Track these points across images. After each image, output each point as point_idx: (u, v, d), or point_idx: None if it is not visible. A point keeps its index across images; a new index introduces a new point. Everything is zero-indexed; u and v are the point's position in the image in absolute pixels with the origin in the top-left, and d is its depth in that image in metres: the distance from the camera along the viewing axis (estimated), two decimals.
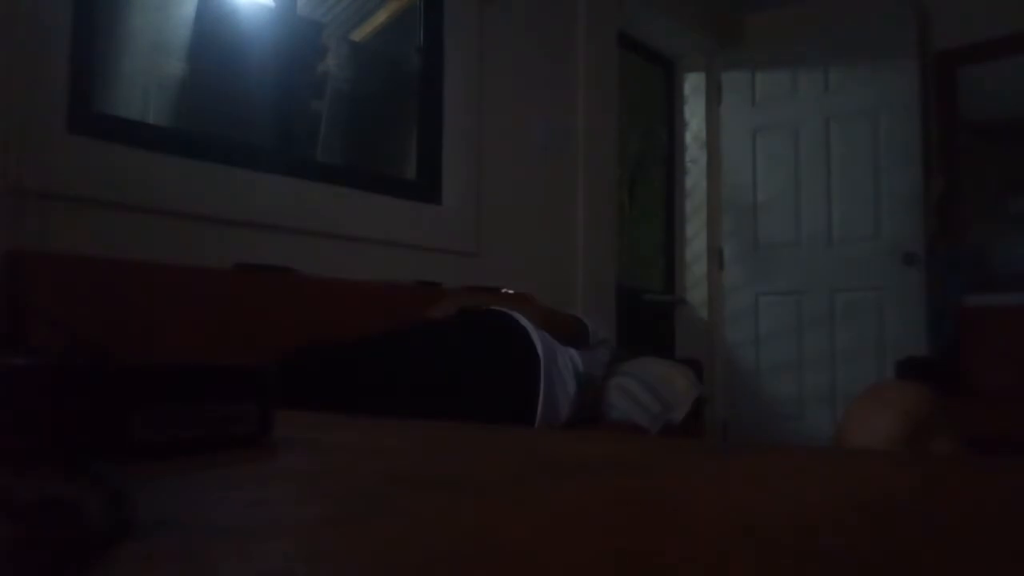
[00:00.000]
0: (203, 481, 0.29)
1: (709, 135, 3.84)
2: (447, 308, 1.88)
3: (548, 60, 2.85)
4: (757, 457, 0.36)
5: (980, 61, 3.29)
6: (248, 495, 0.26)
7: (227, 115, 2.21)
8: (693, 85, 3.91)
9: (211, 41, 2.29)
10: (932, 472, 0.34)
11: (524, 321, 1.75)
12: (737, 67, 3.77)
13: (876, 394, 1.02)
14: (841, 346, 3.40)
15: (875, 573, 0.17)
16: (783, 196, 3.61)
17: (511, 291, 2.43)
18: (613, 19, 3.14)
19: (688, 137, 3.92)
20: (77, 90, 1.60)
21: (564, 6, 2.92)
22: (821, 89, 3.53)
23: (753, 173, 3.71)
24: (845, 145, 3.44)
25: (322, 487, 0.29)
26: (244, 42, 2.23)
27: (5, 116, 1.46)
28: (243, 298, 1.72)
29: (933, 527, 0.22)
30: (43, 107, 1.53)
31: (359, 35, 3.04)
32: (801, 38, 3.60)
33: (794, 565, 0.18)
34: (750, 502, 0.26)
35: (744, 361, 3.70)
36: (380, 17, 2.98)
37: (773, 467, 0.34)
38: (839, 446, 0.99)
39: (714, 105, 3.84)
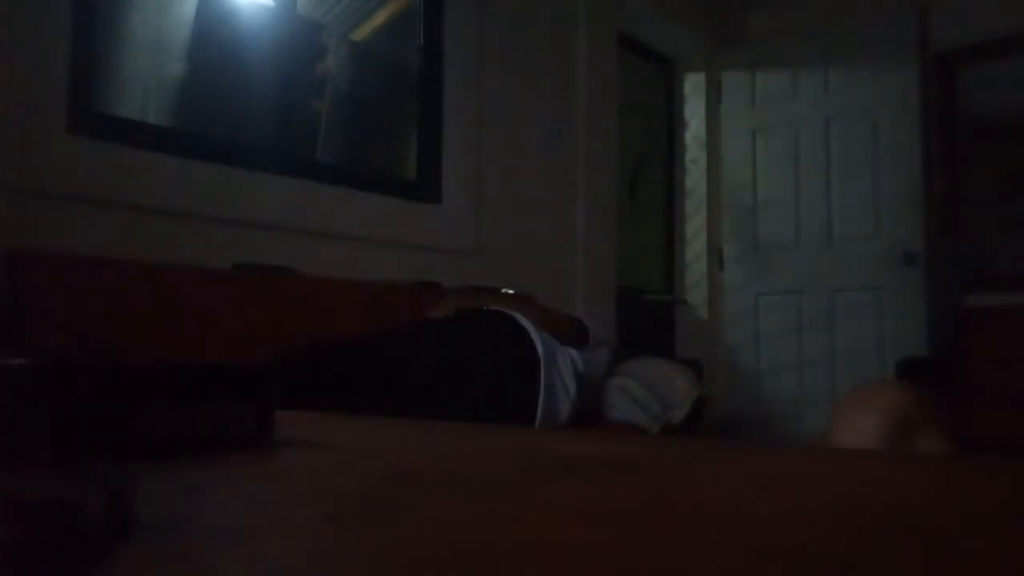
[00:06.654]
0: (203, 481, 0.29)
1: (709, 135, 3.84)
2: (447, 308, 1.88)
3: (548, 60, 2.85)
4: (757, 457, 0.36)
5: (980, 61, 3.29)
6: (248, 495, 0.26)
7: (227, 115, 2.21)
8: (693, 85, 3.91)
9: (211, 41, 2.28)
10: (932, 472, 0.34)
11: (524, 321, 1.75)
12: (737, 67, 3.77)
13: (861, 395, 1.03)
14: (841, 346, 3.40)
15: (875, 573, 0.17)
16: (783, 196, 3.60)
17: (511, 291, 2.43)
18: (613, 19, 3.14)
19: (688, 137, 3.92)
20: (77, 90, 1.60)
21: (564, 6, 2.92)
22: (821, 89, 3.53)
23: (753, 173, 3.71)
24: (845, 145, 3.44)
25: (322, 487, 0.29)
26: (244, 42, 2.23)
27: (5, 116, 1.46)
28: (243, 298, 1.72)
29: (933, 527, 0.22)
30: (43, 107, 1.53)
31: (359, 35, 3.03)
32: (801, 38, 3.60)
33: (794, 565, 0.18)
34: (750, 502, 0.26)
35: (744, 361, 3.69)
36: (380, 17, 2.98)
37: (773, 467, 0.34)
38: (827, 446, 0.99)
39: (714, 105, 3.84)
